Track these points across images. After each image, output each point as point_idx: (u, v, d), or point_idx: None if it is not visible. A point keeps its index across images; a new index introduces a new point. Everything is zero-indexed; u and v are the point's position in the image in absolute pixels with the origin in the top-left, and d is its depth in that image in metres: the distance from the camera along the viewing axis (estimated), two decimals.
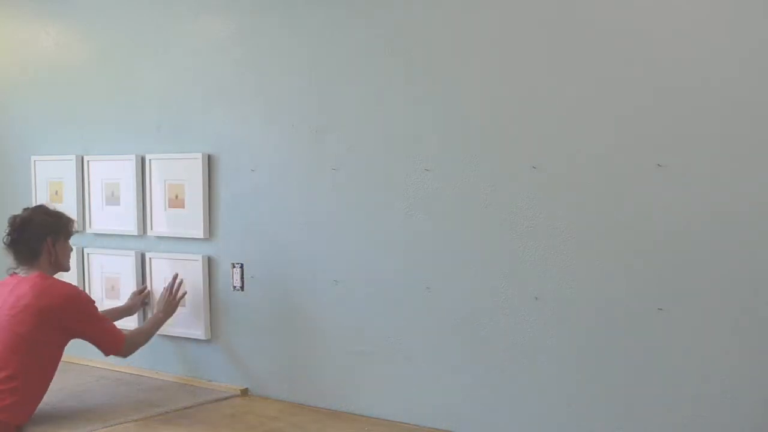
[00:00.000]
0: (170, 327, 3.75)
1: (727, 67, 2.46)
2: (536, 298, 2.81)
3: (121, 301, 3.91)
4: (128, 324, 3.74)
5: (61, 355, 3.28)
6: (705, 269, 2.52)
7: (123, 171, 3.90)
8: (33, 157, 4.27)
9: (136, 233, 3.88)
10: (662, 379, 2.59)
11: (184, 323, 3.72)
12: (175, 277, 3.69)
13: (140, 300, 3.83)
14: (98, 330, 3.33)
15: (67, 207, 4.08)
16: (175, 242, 3.76)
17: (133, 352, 3.48)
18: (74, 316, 3.25)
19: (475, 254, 2.93)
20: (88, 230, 4.06)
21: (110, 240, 4.01)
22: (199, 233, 3.66)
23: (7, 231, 3.31)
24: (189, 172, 3.67)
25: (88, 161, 4.06)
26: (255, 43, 3.49)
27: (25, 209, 3.40)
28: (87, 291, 4.06)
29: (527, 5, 2.81)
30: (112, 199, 3.97)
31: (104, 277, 4.03)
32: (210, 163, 3.63)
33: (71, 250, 3.45)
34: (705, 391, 2.53)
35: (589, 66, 2.69)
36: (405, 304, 3.11)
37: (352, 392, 3.27)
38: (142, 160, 3.85)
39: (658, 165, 2.56)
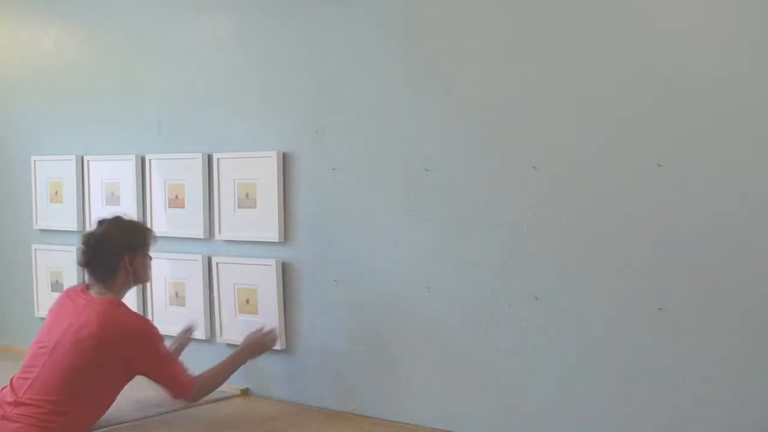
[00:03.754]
0: (170, 327, 3.75)
1: (727, 67, 2.46)
2: (536, 298, 2.81)
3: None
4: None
5: (118, 392, 3.04)
6: (705, 269, 2.51)
7: (123, 171, 3.90)
8: (33, 157, 4.27)
9: None
10: (662, 379, 2.59)
11: (184, 323, 3.71)
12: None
13: (186, 338, 3.51)
14: (165, 372, 3.06)
15: (67, 207, 4.12)
16: (175, 242, 3.75)
17: (204, 396, 3.19)
18: (138, 353, 2.99)
19: (475, 254, 2.93)
20: (89, 230, 4.05)
21: None
22: (200, 233, 3.65)
23: (82, 250, 3.10)
24: (189, 171, 3.67)
25: (88, 161, 4.06)
26: (255, 43, 3.49)
27: (100, 223, 3.17)
28: None
29: (528, 5, 2.81)
30: (112, 199, 3.97)
31: None
32: (210, 162, 3.63)
33: (151, 259, 3.19)
34: (705, 391, 2.53)
35: (589, 66, 2.69)
36: (405, 304, 3.11)
37: (352, 392, 3.27)
38: (142, 160, 3.85)
39: (658, 165, 2.56)
